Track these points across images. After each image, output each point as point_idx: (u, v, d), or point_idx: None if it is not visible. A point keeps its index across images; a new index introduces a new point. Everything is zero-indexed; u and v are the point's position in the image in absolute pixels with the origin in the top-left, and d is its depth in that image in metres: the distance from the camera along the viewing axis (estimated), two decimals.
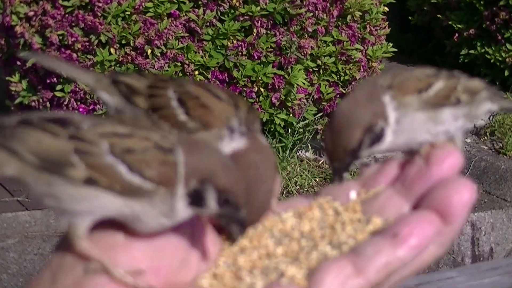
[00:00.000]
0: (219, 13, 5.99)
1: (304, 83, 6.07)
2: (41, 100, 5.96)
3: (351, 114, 1.03)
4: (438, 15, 7.80)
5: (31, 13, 5.82)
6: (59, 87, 5.80)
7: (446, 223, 0.94)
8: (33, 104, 5.97)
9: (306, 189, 5.75)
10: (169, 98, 1.06)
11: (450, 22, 7.65)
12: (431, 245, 0.94)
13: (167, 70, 5.79)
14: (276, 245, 1.00)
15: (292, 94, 6.03)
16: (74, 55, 5.73)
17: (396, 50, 6.44)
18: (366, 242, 0.95)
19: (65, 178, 0.91)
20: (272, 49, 6.03)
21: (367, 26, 6.40)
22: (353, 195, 1.06)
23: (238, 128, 1.04)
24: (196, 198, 0.94)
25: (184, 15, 5.89)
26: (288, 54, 6.02)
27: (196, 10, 5.92)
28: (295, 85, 6.02)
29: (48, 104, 5.92)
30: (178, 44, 5.82)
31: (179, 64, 5.84)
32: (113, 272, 0.91)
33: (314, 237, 1.01)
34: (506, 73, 7.33)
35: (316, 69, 6.22)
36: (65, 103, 5.81)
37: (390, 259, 0.91)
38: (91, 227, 0.93)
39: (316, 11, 6.14)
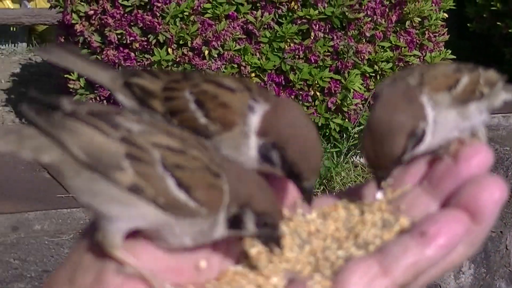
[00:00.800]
0: (277, 16, 5.98)
1: (360, 88, 6.04)
2: (98, 98, 6.02)
3: (392, 120, 1.00)
4: (498, 23, 7.69)
5: (91, 12, 5.89)
6: None
7: (476, 221, 0.91)
8: (90, 102, 6.03)
9: None
10: (186, 100, 1.03)
11: (510, 30, 7.54)
12: (460, 245, 0.91)
13: (223, 72, 5.80)
14: (300, 246, 0.99)
15: (348, 99, 5.99)
16: (132, 54, 5.78)
17: (455, 57, 6.36)
18: (392, 241, 0.92)
19: (111, 180, 0.89)
20: (329, 53, 6.01)
21: (426, 32, 6.34)
22: (379, 194, 1.03)
23: (257, 103, 1.02)
24: (235, 222, 0.93)
25: (242, 17, 5.90)
26: (345, 59, 5.98)
27: (254, 12, 5.92)
28: (352, 90, 5.98)
29: (105, 102, 5.97)
30: (235, 46, 5.83)
31: (235, 66, 5.84)
32: (154, 283, 0.89)
33: (339, 237, 0.99)
34: None
35: (373, 74, 6.18)
36: None
37: (417, 258, 0.88)
38: (125, 237, 0.91)
39: (375, 16, 6.10)
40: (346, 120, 6.05)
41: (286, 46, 5.89)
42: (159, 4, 5.75)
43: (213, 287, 0.93)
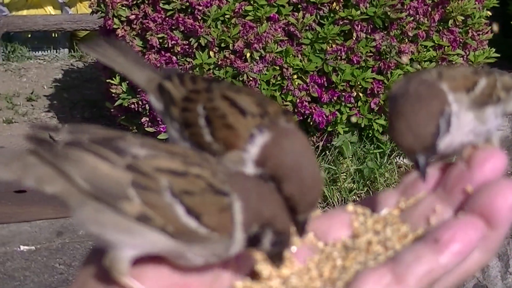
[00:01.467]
0: (318, 17, 5.96)
1: None
2: (140, 103, 6.04)
3: (420, 102, 0.98)
4: None
5: (132, 16, 5.91)
6: None
7: (491, 227, 0.88)
8: (132, 106, 6.06)
9: None
10: (198, 114, 1.01)
11: None
12: (476, 251, 0.88)
13: (265, 74, 5.79)
14: (311, 260, 0.97)
15: None
16: (174, 58, 5.79)
17: (499, 55, 6.28)
18: (406, 249, 0.89)
19: (117, 210, 0.87)
20: (371, 54, 5.96)
21: (469, 30, 6.26)
22: (388, 208, 1.01)
23: (259, 132, 0.99)
24: (252, 240, 0.91)
25: (283, 19, 5.88)
26: (388, 59, 5.94)
27: (296, 13, 5.90)
28: None
29: (147, 107, 5.99)
30: (277, 48, 5.81)
31: (277, 67, 5.83)
32: None
33: (352, 248, 0.97)
34: None
35: None
36: None
37: (431, 266, 0.85)
38: (132, 263, 0.89)
39: (417, 15, 6.04)
40: None
41: (328, 47, 5.86)
42: (200, 7, 5.75)
43: None
